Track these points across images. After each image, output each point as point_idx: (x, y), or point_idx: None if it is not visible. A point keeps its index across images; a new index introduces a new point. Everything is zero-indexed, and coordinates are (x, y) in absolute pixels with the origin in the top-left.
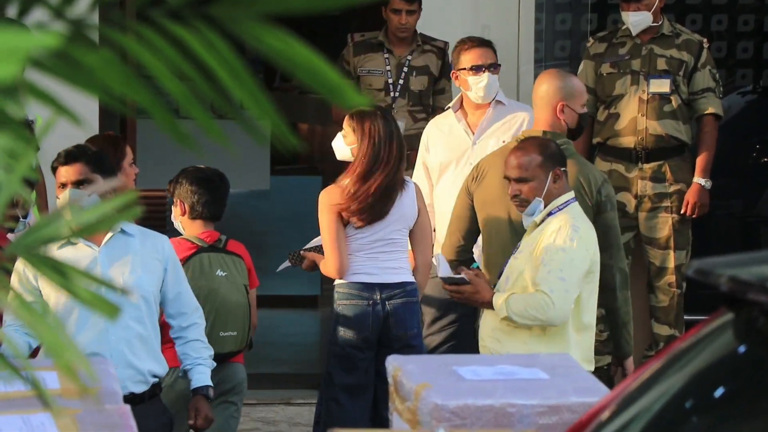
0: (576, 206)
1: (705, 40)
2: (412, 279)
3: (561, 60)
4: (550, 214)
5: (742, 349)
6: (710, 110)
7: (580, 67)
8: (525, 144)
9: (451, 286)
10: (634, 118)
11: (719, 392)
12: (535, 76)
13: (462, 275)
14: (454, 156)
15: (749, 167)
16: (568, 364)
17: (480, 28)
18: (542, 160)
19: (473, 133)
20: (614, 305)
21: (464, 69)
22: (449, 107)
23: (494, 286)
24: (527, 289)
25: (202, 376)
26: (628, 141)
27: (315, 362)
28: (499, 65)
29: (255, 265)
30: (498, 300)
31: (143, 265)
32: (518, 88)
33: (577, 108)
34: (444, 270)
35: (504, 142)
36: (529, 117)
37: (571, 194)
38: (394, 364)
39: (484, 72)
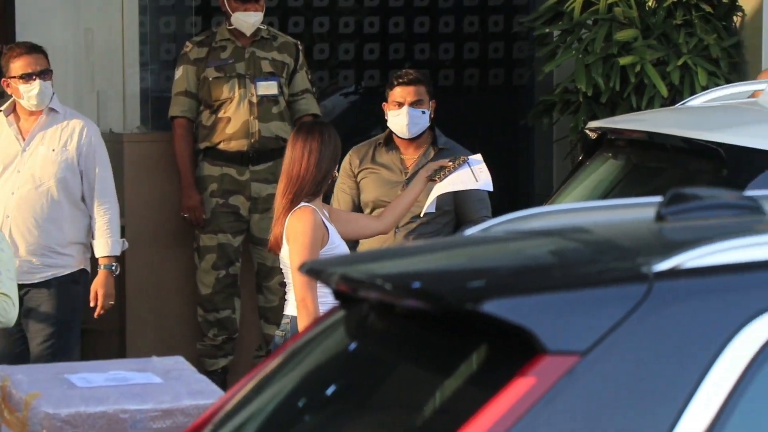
0: None
1: (299, 42)
2: None
3: (166, 63)
4: None
5: (353, 346)
6: (311, 110)
7: (179, 72)
8: None
9: None
10: (246, 121)
11: (332, 390)
12: (142, 79)
13: None
14: (3, 161)
15: None
16: (182, 368)
17: (83, 31)
18: None
19: (24, 140)
20: None
21: (14, 77)
22: (1, 110)
23: None
24: None
25: None
26: (240, 144)
27: None
28: (51, 71)
29: None
30: None
31: None
32: (124, 91)
33: None
34: None
35: (54, 150)
36: (83, 124)
37: None
38: (2, 374)
39: (35, 80)
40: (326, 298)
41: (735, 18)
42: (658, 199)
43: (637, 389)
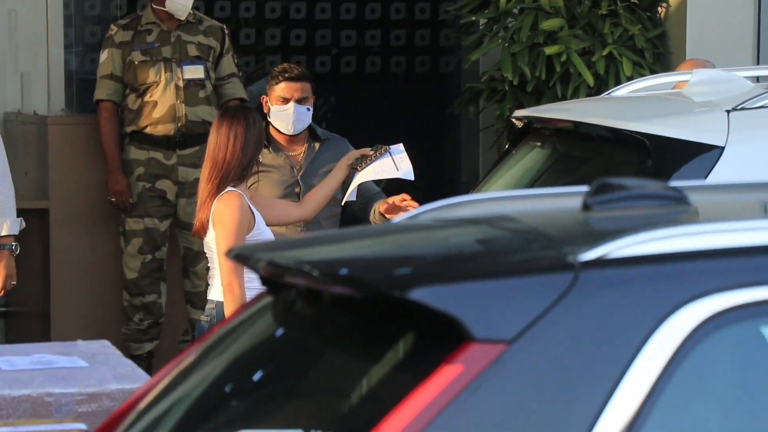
0: None
1: (225, 26)
2: None
3: (91, 45)
4: None
5: (280, 332)
6: (238, 95)
7: (104, 55)
8: None
9: None
10: (173, 105)
11: (258, 376)
12: (66, 62)
13: None
14: None
15: None
16: (108, 352)
17: (6, 12)
18: None
19: None
20: None
21: None
22: None
23: None
24: None
25: None
26: (167, 128)
27: None
28: None
29: None
30: None
31: None
32: (49, 73)
33: None
34: None
35: None
36: None
37: None
38: None
39: None
40: (252, 284)
41: (659, 9)
42: (584, 188)
43: (563, 378)
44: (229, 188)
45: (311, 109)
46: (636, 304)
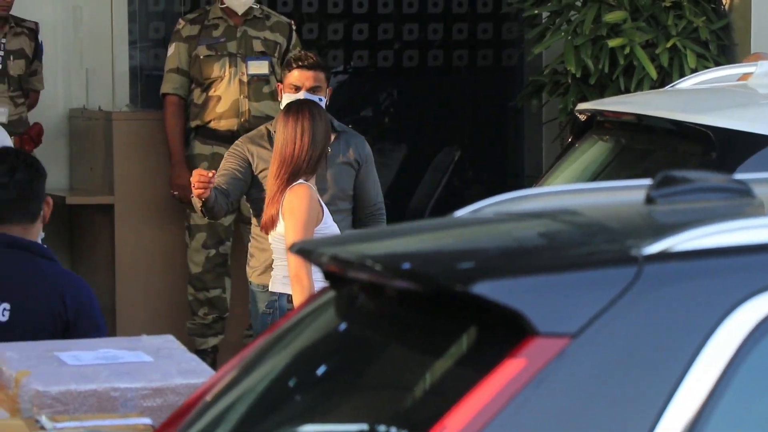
0: None
1: (292, 22)
2: None
3: (155, 41)
4: None
5: (343, 326)
6: None
7: (171, 49)
8: None
9: None
10: (237, 100)
11: (321, 370)
12: (131, 57)
13: None
14: None
15: None
16: (172, 346)
17: (71, 8)
18: None
19: None
20: None
21: None
22: None
23: None
24: None
25: None
26: (230, 123)
27: None
28: None
29: None
30: None
31: None
32: (113, 69)
33: None
34: None
35: None
36: None
37: None
38: None
39: None
40: (317, 276)
41: (723, 0)
42: (647, 181)
43: (626, 372)
44: (300, 180)
45: (324, 99)
46: (700, 298)
